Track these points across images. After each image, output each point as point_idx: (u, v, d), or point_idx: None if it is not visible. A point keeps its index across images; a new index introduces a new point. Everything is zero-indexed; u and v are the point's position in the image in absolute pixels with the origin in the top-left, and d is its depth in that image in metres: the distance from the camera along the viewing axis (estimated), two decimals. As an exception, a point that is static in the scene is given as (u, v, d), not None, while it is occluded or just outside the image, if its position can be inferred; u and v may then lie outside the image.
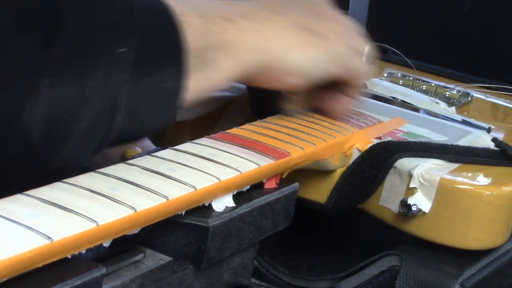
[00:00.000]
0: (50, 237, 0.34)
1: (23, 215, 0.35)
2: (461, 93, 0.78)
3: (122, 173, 0.42)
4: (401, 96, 0.72)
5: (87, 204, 0.37)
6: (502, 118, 0.78)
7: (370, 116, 0.63)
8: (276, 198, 0.49)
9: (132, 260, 0.44)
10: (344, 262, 0.58)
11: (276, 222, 0.49)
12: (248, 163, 0.47)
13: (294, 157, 0.50)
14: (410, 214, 0.54)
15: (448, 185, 0.53)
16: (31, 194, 0.37)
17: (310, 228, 0.65)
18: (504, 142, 0.59)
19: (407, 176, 0.54)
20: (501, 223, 0.54)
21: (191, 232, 0.44)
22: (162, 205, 0.40)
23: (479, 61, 1.08)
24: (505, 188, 0.54)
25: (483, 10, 1.11)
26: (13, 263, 0.32)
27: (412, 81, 0.80)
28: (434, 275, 0.52)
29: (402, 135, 0.61)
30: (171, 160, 0.45)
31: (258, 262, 0.57)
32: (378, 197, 0.56)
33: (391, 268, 0.54)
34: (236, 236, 0.46)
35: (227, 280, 0.49)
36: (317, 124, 0.57)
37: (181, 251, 0.44)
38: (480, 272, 0.54)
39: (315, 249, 0.62)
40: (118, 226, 0.37)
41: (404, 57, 0.86)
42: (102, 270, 0.36)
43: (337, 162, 0.57)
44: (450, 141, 0.60)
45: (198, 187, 0.42)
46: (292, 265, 0.59)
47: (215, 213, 0.44)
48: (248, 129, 0.53)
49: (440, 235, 0.54)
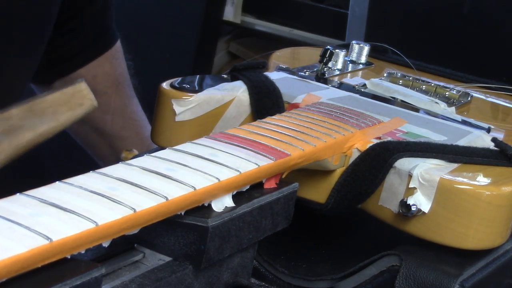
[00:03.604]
0: (49, 237, 0.34)
1: (22, 215, 0.35)
2: (461, 93, 0.78)
3: (122, 173, 0.42)
4: (401, 96, 0.72)
5: (87, 204, 0.37)
6: (502, 118, 0.78)
7: (370, 116, 0.63)
8: (276, 198, 0.49)
9: (132, 260, 0.44)
10: (344, 262, 0.58)
11: (276, 222, 0.49)
12: (247, 163, 0.47)
13: (293, 157, 0.50)
14: (409, 214, 0.54)
15: (448, 185, 0.53)
16: (31, 194, 0.37)
17: (310, 228, 0.65)
18: (503, 142, 0.59)
19: (407, 176, 0.54)
20: (501, 223, 0.54)
21: (190, 232, 0.44)
22: (162, 205, 0.40)
23: (479, 61, 1.08)
24: (504, 188, 0.54)
25: (483, 10, 1.11)
26: (13, 263, 0.32)
27: (412, 81, 0.80)
28: (434, 275, 0.52)
29: (401, 135, 0.61)
30: (171, 160, 0.45)
31: (257, 262, 0.57)
32: (378, 197, 0.56)
33: (391, 268, 0.54)
34: (235, 236, 0.46)
35: (227, 280, 0.49)
36: (317, 124, 0.57)
37: (180, 251, 0.44)
38: (479, 272, 0.54)
39: (315, 249, 0.62)
40: (117, 226, 0.37)
41: (404, 57, 0.86)
42: (101, 270, 0.37)
43: (336, 162, 0.57)
44: (450, 141, 0.60)
45: (197, 187, 0.42)
46: (292, 265, 0.59)
47: (215, 213, 0.44)
48: (248, 129, 0.53)
49: (440, 235, 0.54)
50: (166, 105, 0.63)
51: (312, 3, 1.79)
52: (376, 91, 0.74)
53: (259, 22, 1.81)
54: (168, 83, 0.64)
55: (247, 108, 0.65)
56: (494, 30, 1.09)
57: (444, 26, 1.14)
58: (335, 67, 0.80)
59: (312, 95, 0.67)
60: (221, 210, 0.45)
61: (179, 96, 0.62)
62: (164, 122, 0.63)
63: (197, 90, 0.63)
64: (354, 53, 0.86)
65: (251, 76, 0.67)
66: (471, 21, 1.10)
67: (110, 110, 1.04)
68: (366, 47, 0.86)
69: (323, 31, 1.70)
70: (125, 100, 1.05)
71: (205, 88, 0.64)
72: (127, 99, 1.06)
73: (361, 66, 0.85)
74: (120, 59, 1.05)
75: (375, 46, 0.89)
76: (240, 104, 0.65)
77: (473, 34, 1.10)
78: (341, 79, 0.78)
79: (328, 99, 0.66)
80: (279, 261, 0.58)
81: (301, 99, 0.66)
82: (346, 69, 0.82)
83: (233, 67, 0.69)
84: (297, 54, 0.89)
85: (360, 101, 0.69)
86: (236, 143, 0.49)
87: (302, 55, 0.89)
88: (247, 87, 0.66)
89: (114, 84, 1.03)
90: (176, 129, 0.63)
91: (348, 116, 0.61)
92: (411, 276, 0.52)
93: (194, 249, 0.44)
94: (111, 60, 1.03)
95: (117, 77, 1.04)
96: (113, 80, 1.03)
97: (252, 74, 0.68)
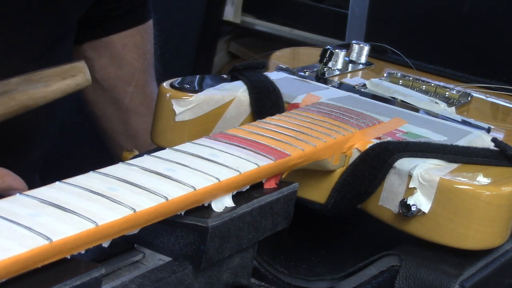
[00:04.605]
0: (49, 238, 0.34)
1: (22, 215, 0.35)
2: (460, 93, 0.78)
3: (122, 173, 0.42)
4: (401, 96, 0.72)
5: (87, 204, 0.37)
6: (502, 118, 0.78)
7: (370, 116, 0.63)
8: (276, 198, 0.49)
9: (132, 260, 0.45)
10: (344, 262, 0.58)
11: (276, 222, 0.49)
12: (247, 163, 0.47)
13: (293, 157, 0.50)
14: (409, 214, 0.54)
15: (448, 185, 0.53)
16: (31, 194, 0.37)
17: (309, 228, 0.65)
18: (503, 142, 0.59)
19: (407, 176, 0.54)
20: (501, 223, 0.54)
21: (190, 232, 0.44)
22: (162, 205, 0.40)
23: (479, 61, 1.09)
24: (504, 188, 0.54)
25: (483, 10, 1.11)
26: (13, 263, 0.32)
27: (412, 81, 0.80)
28: (434, 275, 0.52)
29: (401, 135, 0.61)
30: (171, 160, 0.45)
31: (257, 262, 0.57)
32: (378, 197, 0.56)
33: (391, 268, 0.54)
34: (235, 236, 0.46)
35: (227, 280, 0.49)
36: (317, 124, 0.57)
37: (180, 251, 0.44)
38: (479, 272, 0.54)
39: (314, 249, 0.62)
40: (117, 226, 0.37)
41: (404, 57, 0.86)
42: (101, 270, 0.37)
43: (336, 162, 0.57)
44: (450, 141, 0.60)
45: (197, 187, 0.42)
46: (292, 265, 0.59)
47: (215, 213, 0.44)
48: (248, 129, 0.53)
49: (440, 235, 0.54)
50: (166, 105, 0.63)
51: (312, 3, 1.79)
52: (376, 91, 0.74)
53: (259, 22, 1.81)
54: (168, 83, 0.64)
55: (247, 108, 0.65)
56: (494, 30, 1.09)
57: (444, 26, 1.14)
58: (335, 67, 0.80)
59: (312, 95, 0.67)
60: (221, 210, 0.45)
61: (179, 96, 0.62)
62: (164, 122, 0.63)
63: (197, 90, 0.63)
64: (354, 53, 0.86)
65: (251, 76, 0.67)
66: (471, 21, 1.10)
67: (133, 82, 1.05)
68: (366, 47, 0.86)
69: (323, 31, 1.70)
70: (147, 77, 1.07)
71: (205, 88, 0.64)
72: (150, 77, 1.08)
73: (361, 66, 0.85)
74: (150, 36, 1.07)
75: (375, 46, 0.89)
76: (240, 104, 0.65)
77: (473, 34, 1.10)
78: (341, 79, 0.78)
79: (328, 99, 0.66)
80: (279, 261, 0.58)
81: (301, 99, 0.66)
82: (346, 69, 0.82)
83: (233, 67, 0.69)
84: (297, 54, 0.89)
85: (360, 101, 0.69)
86: (236, 143, 0.49)
87: (302, 55, 0.89)
88: (247, 87, 0.66)
89: (141, 57, 1.05)
90: (176, 129, 0.63)
91: (348, 116, 0.61)
92: (411, 276, 0.52)
93: (194, 249, 0.44)
94: (143, 34, 1.05)
95: (145, 52, 1.05)
96: (141, 54, 1.05)
97: (252, 74, 0.68)
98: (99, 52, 1.03)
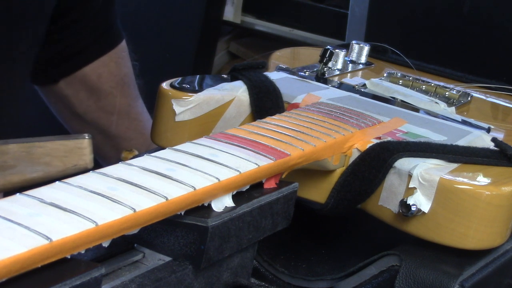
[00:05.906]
0: (49, 237, 0.34)
1: (22, 215, 0.35)
2: (460, 93, 0.78)
3: (122, 173, 0.42)
4: (401, 96, 0.72)
5: (86, 204, 0.37)
6: (501, 118, 0.78)
7: (370, 116, 0.63)
8: (276, 198, 0.49)
9: (132, 260, 0.45)
10: (344, 262, 0.58)
11: (276, 222, 0.49)
12: (247, 163, 0.47)
13: (293, 157, 0.50)
14: (409, 214, 0.54)
15: (448, 185, 0.53)
16: (31, 194, 0.37)
17: (309, 228, 0.65)
18: (503, 142, 0.59)
19: (407, 176, 0.54)
20: (501, 223, 0.54)
21: (190, 232, 0.44)
22: (162, 205, 0.40)
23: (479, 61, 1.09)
24: (504, 188, 0.54)
25: (483, 10, 1.11)
26: (12, 263, 0.32)
27: (411, 81, 0.80)
28: (434, 275, 0.52)
29: (401, 135, 0.61)
30: (171, 160, 0.45)
31: (257, 262, 0.57)
32: (378, 197, 0.56)
33: (391, 268, 0.54)
34: (235, 236, 0.46)
35: (227, 280, 0.49)
36: (317, 124, 0.57)
37: (180, 251, 0.44)
38: (479, 272, 0.54)
39: (314, 249, 0.62)
40: (117, 226, 0.37)
41: (404, 57, 0.86)
42: (101, 270, 0.37)
43: (336, 162, 0.57)
44: (450, 141, 0.60)
45: (197, 187, 0.42)
46: (292, 265, 0.59)
47: (215, 213, 0.44)
48: (248, 129, 0.53)
49: (440, 235, 0.54)
50: (166, 105, 0.63)
51: (312, 3, 1.79)
52: (376, 91, 0.74)
53: (259, 22, 1.81)
54: (168, 83, 0.64)
55: (247, 108, 0.65)
56: (494, 30, 1.09)
57: (444, 26, 1.14)
58: (335, 67, 0.80)
59: (312, 95, 0.67)
60: (221, 210, 0.45)
61: (179, 96, 0.62)
62: (164, 122, 0.63)
63: (197, 90, 0.63)
64: (354, 53, 0.86)
65: (251, 76, 0.67)
66: (471, 21, 1.10)
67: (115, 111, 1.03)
68: (366, 47, 0.86)
69: (323, 31, 1.70)
70: (130, 100, 1.05)
71: (205, 88, 0.64)
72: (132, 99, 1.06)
73: (361, 66, 0.85)
74: (125, 58, 1.04)
75: (375, 46, 0.89)
76: (240, 104, 0.65)
77: (473, 34, 1.10)
78: (341, 79, 0.78)
79: (328, 99, 0.66)
80: (279, 261, 0.58)
81: (301, 99, 0.66)
82: (346, 69, 0.82)
83: (233, 67, 0.69)
84: (297, 54, 0.89)
85: (360, 101, 0.69)
86: (236, 143, 0.49)
87: (302, 55, 0.89)
88: (247, 87, 0.66)
89: (119, 84, 1.03)
90: (176, 129, 0.63)
91: (348, 116, 0.61)
92: (411, 276, 0.52)
93: (194, 249, 0.44)
94: (117, 59, 1.03)
95: (122, 77, 1.03)
96: (118, 80, 1.03)
97: (252, 74, 0.68)
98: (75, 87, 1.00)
